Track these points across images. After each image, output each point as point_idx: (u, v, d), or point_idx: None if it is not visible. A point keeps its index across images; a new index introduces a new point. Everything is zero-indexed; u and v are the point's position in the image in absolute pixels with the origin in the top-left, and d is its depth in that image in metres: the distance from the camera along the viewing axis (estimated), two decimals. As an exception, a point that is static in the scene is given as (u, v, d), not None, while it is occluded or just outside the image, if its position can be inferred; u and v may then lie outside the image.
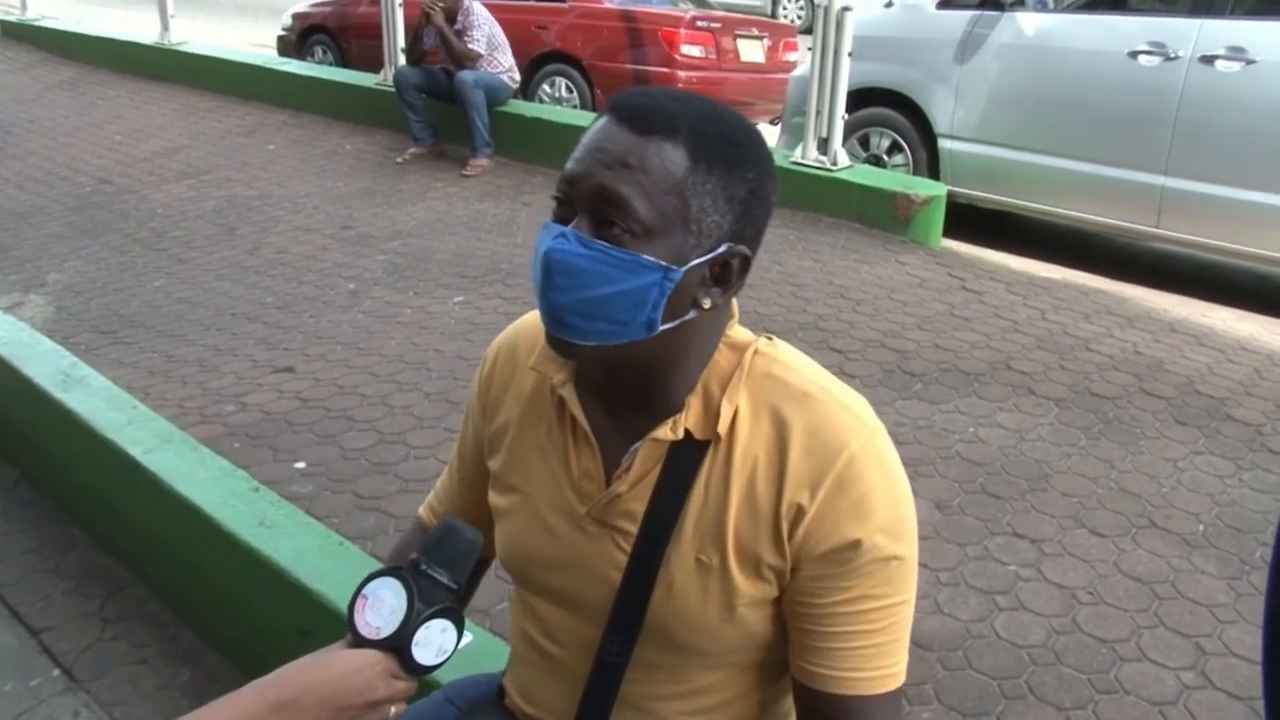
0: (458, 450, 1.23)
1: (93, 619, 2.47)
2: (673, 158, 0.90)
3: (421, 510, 1.28)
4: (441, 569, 0.97)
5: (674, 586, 0.98)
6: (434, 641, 0.96)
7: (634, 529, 0.99)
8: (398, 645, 0.94)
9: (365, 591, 0.96)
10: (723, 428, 0.96)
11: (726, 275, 0.95)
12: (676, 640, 1.00)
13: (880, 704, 0.96)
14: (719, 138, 0.92)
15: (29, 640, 2.42)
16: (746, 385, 0.98)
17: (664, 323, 0.92)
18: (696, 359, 0.99)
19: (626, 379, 0.99)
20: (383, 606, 0.94)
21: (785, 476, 0.94)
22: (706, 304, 0.94)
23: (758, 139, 0.96)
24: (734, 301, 1.02)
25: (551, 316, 0.94)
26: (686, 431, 0.97)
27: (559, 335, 0.95)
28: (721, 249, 0.93)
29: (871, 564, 0.93)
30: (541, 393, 1.06)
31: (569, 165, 0.93)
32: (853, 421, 0.96)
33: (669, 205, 0.90)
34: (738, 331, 1.02)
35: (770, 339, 1.03)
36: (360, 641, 0.94)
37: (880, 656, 0.95)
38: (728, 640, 1.00)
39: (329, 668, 0.92)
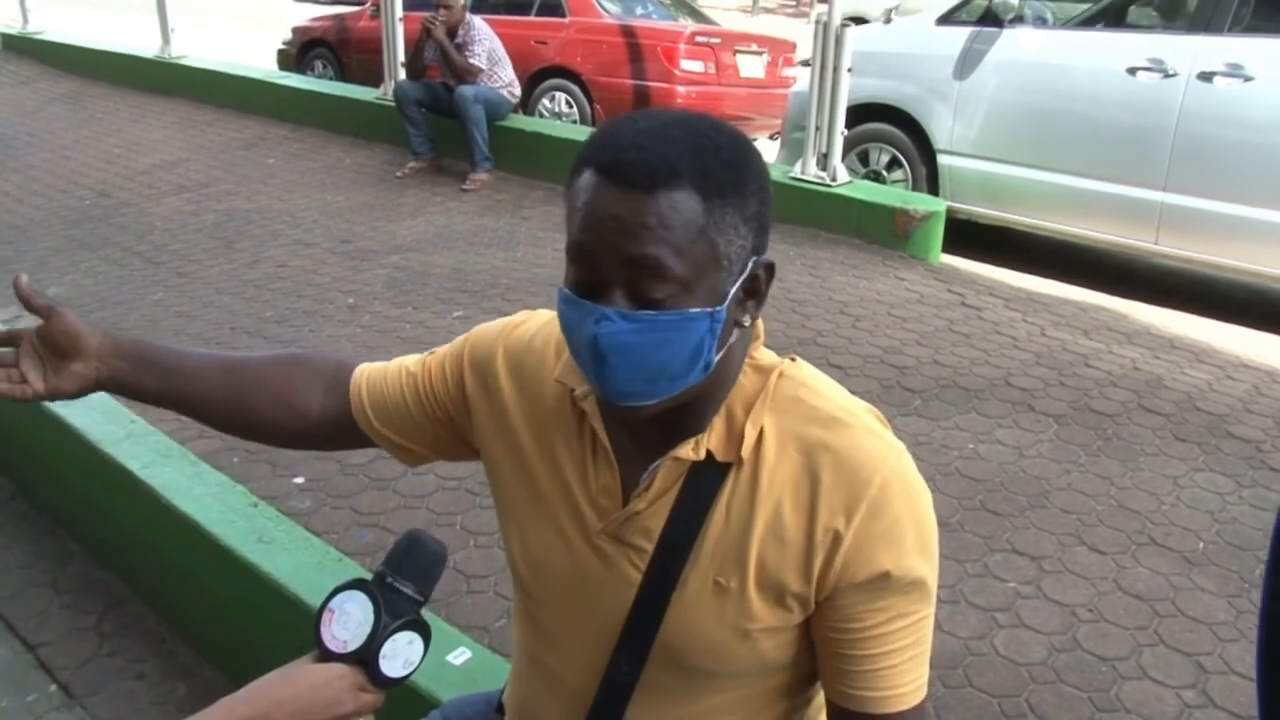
0: (426, 372, 1.17)
1: (90, 634, 2.47)
2: (688, 205, 0.86)
3: (359, 370, 1.20)
4: (407, 581, 0.97)
5: (688, 608, 0.98)
6: (401, 654, 0.96)
7: (650, 547, 0.99)
8: (365, 659, 0.94)
9: (331, 605, 0.95)
10: (746, 450, 0.96)
11: (756, 287, 0.95)
12: (687, 661, 0.99)
13: (914, 716, 0.99)
14: (719, 165, 0.88)
15: (25, 655, 2.41)
16: (771, 408, 0.97)
17: (716, 356, 0.93)
18: (729, 380, 0.98)
19: (666, 410, 0.95)
20: (349, 620, 0.94)
21: (818, 503, 0.94)
22: (746, 321, 0.96)
23: (746, 147, 0.94)
24: (759, 322, 1.01)
25: (611, 391, 0.92)
26: (708, 452, 0.97)
27: (621, 404, 0.93)
28: (750, 266, 0.93)
29: (904, 585, 0.95)
30: (564, 402, 1.05)
31: (582, 237, 0.89)
32: (880, 445, 0.96)
33: (700, 253, 0.87)
34: (762, 353, 1.01)
35: (794, 360, 1.02)
36: (327, 655, 0.94)
37: (911, 670, 0.98)
38: (739, 663, 0.99)
39: (297, 682, 0.93)
